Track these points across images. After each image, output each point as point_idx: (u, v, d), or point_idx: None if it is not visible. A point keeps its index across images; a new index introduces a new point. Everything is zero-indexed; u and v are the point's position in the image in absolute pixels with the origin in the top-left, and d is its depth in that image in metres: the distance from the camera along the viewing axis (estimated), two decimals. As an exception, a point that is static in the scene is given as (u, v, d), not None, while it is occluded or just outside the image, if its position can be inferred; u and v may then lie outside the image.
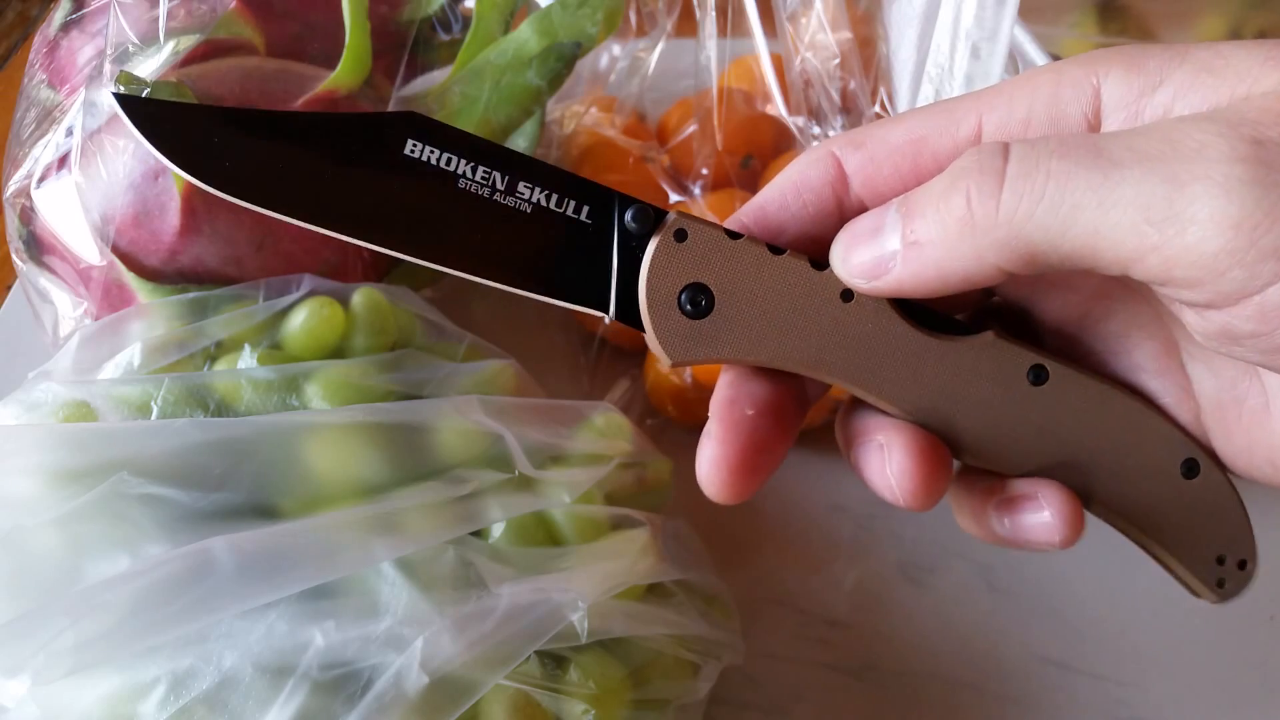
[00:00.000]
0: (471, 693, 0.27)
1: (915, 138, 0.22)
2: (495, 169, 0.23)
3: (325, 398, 0.31)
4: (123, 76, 0.33)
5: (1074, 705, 0.37)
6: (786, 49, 0.44)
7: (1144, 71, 0.20)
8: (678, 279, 0.23)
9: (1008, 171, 0.19)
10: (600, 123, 0.50)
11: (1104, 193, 0.18)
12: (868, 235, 0.21)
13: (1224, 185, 0.17)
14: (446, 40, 0.43)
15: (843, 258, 0.22)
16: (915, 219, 0.20)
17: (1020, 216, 0.19)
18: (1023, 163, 0.19)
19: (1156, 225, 0.17)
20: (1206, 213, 0.17)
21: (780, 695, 0.37)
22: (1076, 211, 0.18)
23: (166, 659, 0.26)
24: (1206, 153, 0.17)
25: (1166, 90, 0.19)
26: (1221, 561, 0.24)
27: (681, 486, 0.37)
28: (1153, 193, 0.17)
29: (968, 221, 0.19)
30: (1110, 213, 0.18)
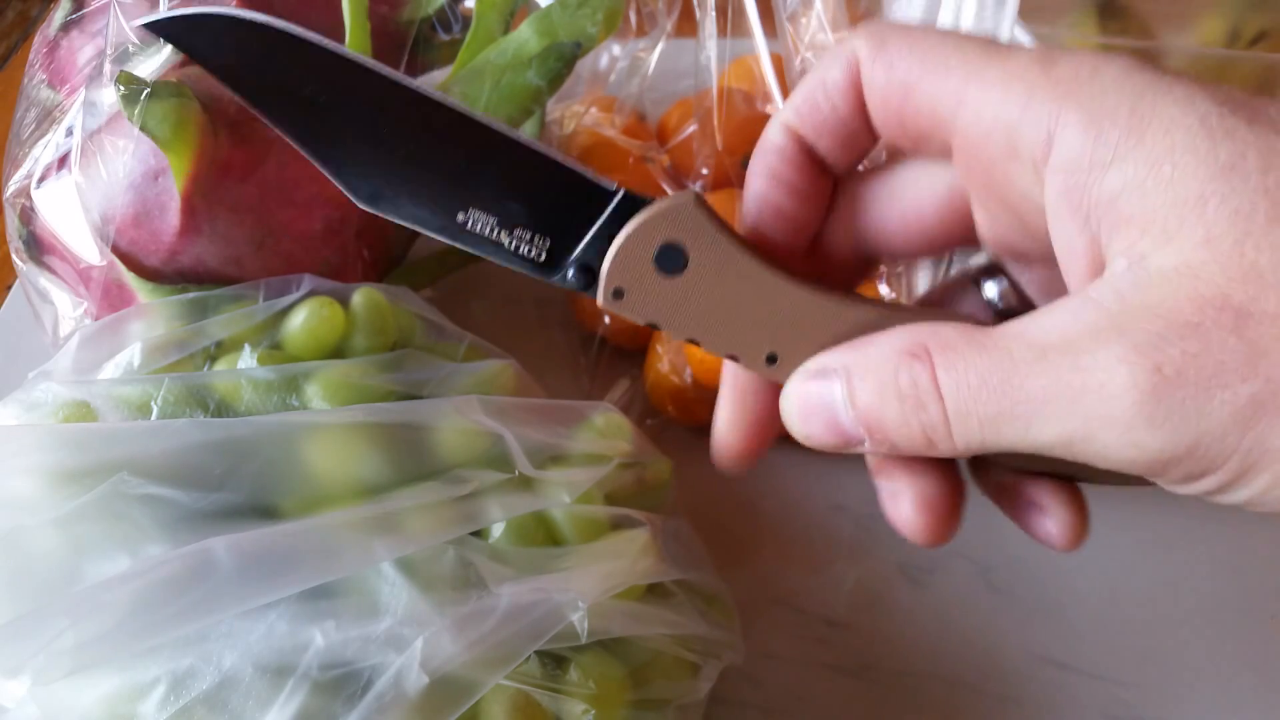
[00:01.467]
0: (471, 693, 0.27)
1: (908, 84, 0.23)
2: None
3: (325, 398, 0.31)
4: (123, 76, 0.33)
5: (1074, 705, 0.37)
6: (786, 49, 0.44)
7: (1101, 141, 0.20)
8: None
9: (949, 418, 0.21)
10: (600, 123, 0.50)
11: (1030, 439, 0.20)
12: (825, 428, 0.23)
13: (1128, 435, 0.19)
14: (446, 40, 0.43)
15: (799, 430, 0.24)
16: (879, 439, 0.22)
17: (974, 447, 0.21)
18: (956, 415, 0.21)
19: (1082, 458, 0.20)
20: (1119, 456, 0.19)
21: (780, 695, 0.37)
22: (1016, 442, 0.20)
23: (166, 659, 0.26)
24: (1110, 393, 0.19)
25: (1115, 179, 0.20)
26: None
27: (681, 486, 0.37)
28: (1071, 437, 0.20)
29: (932, 447, 0.22)
30: (1042, 445, 0.20)
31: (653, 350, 0.44)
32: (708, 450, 0.28)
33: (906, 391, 0.21)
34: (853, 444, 0.23)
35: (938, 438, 0.21)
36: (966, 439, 0.21)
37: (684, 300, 0.24)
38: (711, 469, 0.29)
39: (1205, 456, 0.19)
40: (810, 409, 0.24)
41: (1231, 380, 0.18)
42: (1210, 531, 0.41)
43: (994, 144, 0.21)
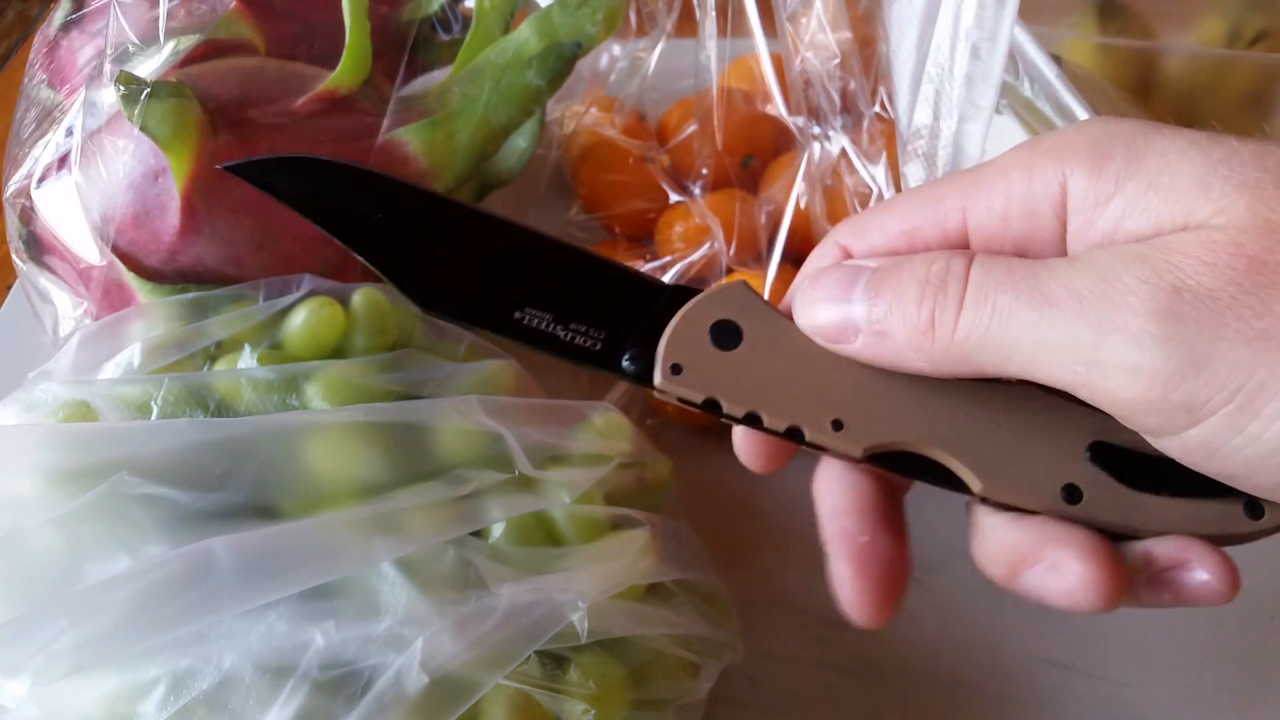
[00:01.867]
0: (471, 693, 0.27)
1: (908, 228, 0.24)
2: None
3: (325, 398, 0.31)
4: (122, 76, 0.33)
5: (1074, 705, 0.37)
6: (786, 49, 0.44)
7: (1103, 177, 0.21)
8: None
9: (965, 299, 0.21)
10: (600, 123, 0.50)
11: (1038, 332, 0.20)
12: (832, 298, 0.23)
13: (1138, 340, 0.19)
14: (446, 40, 0.43)
15: (803, 309, 0.24)
16: (881, 307, 0.22)
17: (971, 343, 0.21)
18: (976, 293, 0.21)
19: (1082, 367, 0.19)
20: (1120, 364, 0.19)
21: (780, 695, 0.37)
22: (1016, 344, 0.20)
23: (166, 659, 0.26)
24: (1129, 301, 0.19)
25: (1118, 204, 0.21)
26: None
27: (681, 486, 0.37)
28: (1078, 338, 0.19)
29: (928, 334, 0.21)
30: (1042, 350, 0.20)
31: (653, 350, 0.44)
32: (708, 450, 0.28)
33: (935, 275, 0.21)
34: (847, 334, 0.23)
35: (941, 322, 0.21)
36: (969, 329, 0.21)
37: (742, 372, 0.24)
38: (711, 469, 0.29)
39: (1213, 381, 0.18)
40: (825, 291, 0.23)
41: (1245, 314, 0.18)
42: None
43: (1013, 222, 0.22)
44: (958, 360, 0.21)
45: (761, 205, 0.46)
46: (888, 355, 0.22)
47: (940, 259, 0.22)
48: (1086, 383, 0.20)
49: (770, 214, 0.45)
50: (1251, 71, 0.40)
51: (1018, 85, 0.35)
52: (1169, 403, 0.19)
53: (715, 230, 0.44)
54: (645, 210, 0.47)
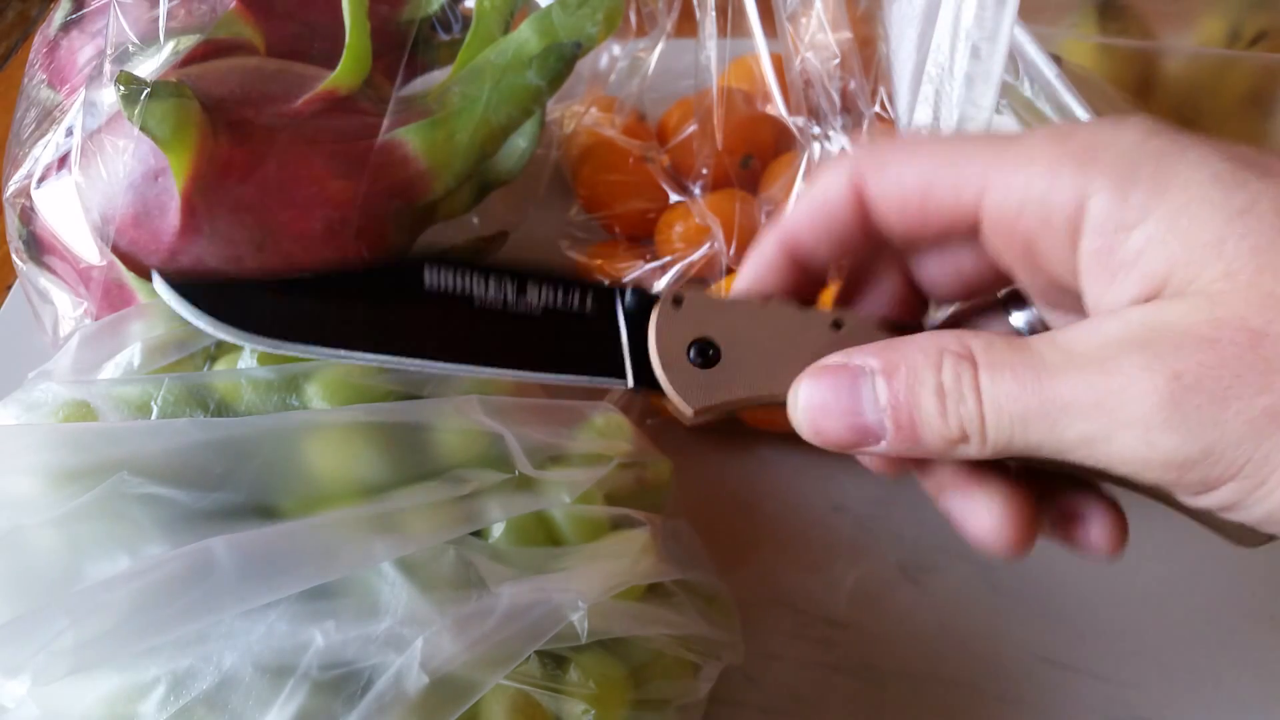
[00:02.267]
0: (471, 693, 0.27)
1: (925, 184, 0.24)
2: (505, 283, 0.26)
3: (325, 398, 0.31)
4: (123, 76, 0.33)
5: (1074, 705, 0.37)
6: (786, 49, 0.44)
7: (1127, 204, 0.21)
8: (683, 338, 0.25)
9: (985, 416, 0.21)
10: (600, 123, 0.50)
11: (1055, 438, 0.21)
12: (843, 415, 0.23)
13: (1147, 437, 0.20)
14: (446, 40, 0.43)
15: (808, 426, 0.24)
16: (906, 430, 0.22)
17: (1000, 446, 0.22)
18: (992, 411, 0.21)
19: (1103, 458, 0.20)
20: (1136, 457, 0.20)
21: (780, 695, 0.37)
22: (1039, 445, 0.21)
23: (166, 659, 0.26)
24: (1133, 394, 0.20)
25: (1139, 236, 0.21)
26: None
27: (681, 486, 0.37)
28: (1094, 436, 0.20)
29: (963, 443, 0.22)
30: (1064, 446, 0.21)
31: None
32: (708, 450, 0.28)
33: (949, 387, 0.22)
34: (868, 441, 0.23)
35: (971, 431, 0.22)
36: (996, 436, 0.21)
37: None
38: (711, 469, 0.29)
39: (1220, 462, 0.19)
40: (827, 403, 0.23)
41: (1246, 392, 0.19)
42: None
43: (1026, 218, 0.23)
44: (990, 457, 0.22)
45: (761, 205, 0.46)
46: (911, 456, 0.23)
47: (947, 361, 0.22)
48: (1109, 468, 0.20)
49: (770, 214, 0.45)
50: (1251, 71, 0.40)
51: (1018, 85, 0.35)
52: (1185, 483, 0.20)
53: (715, 230, 0.44)
54: (645, 210, 0.47)
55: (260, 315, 0.25)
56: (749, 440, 0.43)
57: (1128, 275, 0.21)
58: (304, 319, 0.25)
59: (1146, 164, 0.21)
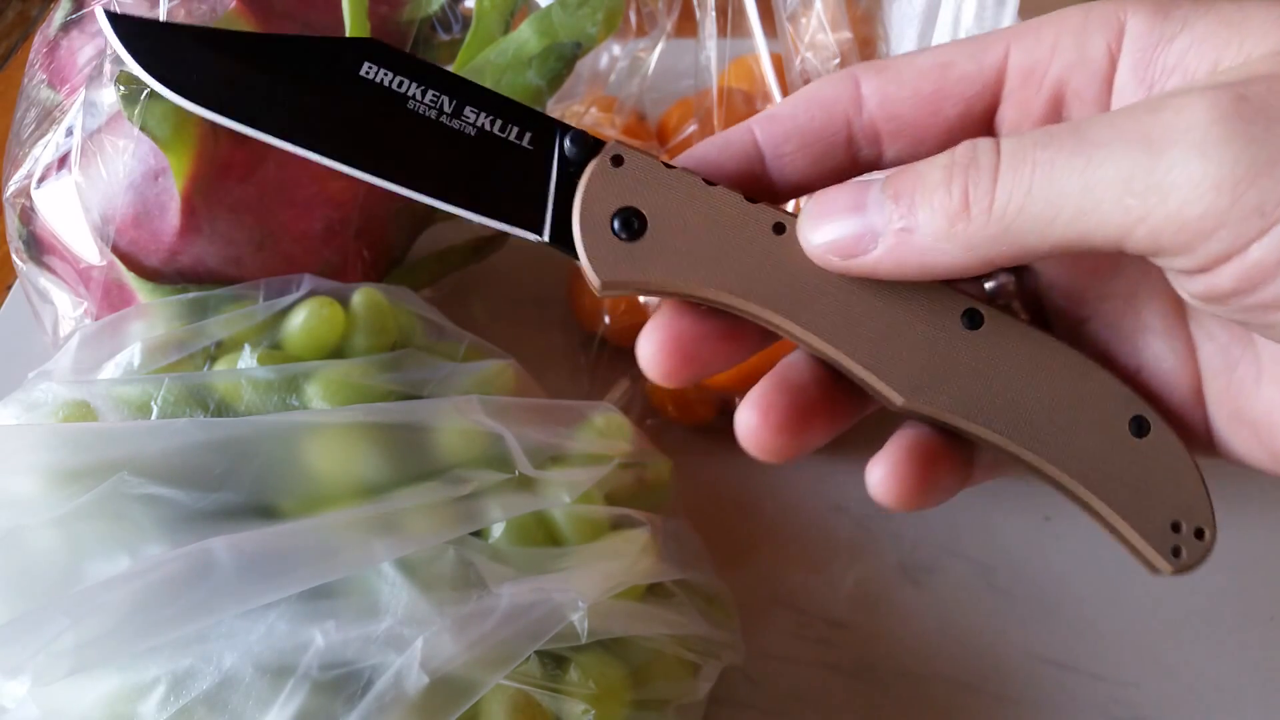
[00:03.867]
0: (471, 693, 0.27)
1: (941, 62, 0.22)
2: (444, 93, 0.24)
3: (325, 398, 0.31)
4: (122, 76, 0.33)
5: (1074, 705, 0.37)
6: (786, 49, 0.44)
7: (1169, 18, 0.20)
8: (612, 202, 0.23)
9: (1000, 167, 0.19)
10: (600, 123, 0.50)
11: (1087, 174, 0.18)
12: (845, 210, 0.21)
13: (1201, 146, 0.17)
14: (446, 40, 0.43)
15: (812, 228, 0.21)
16: (905, 204, 0.20)
17: (1012, 210, 0.19)
18: (1013, 157, 0.19)
19: (1139, 196, 0.17)
20: (1185, 177, 0.17)
21: (780, 695, 0.37)
22: (1062, 198, 0.18)
23: (167, 659, 0.26)
24: (1184, 115, 0.17)
25: (1184, 40, 0.19)
26: (1177, 529, 0.23)
27: (681, 486, 0.37)
28: (1133, 164, 0.17)
29: (962, 215, 0.19)
30: (1093, 192, 0.18)
31: (653, 350, 0.44)
32: (708, 450, 0.28)
33: (961, 156, 0.19)
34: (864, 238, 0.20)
35: (976, 196, 0.19)
36: (1008, 194, 0.19)
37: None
38: (711, 469, 0.29)
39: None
40: (834, 203, 0.21)
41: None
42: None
43: (1059, 60, 0.21)
44: (996, 237, 0.19)
45: (761, 205, 0.45)
46: (914, 257, 0.20)
47: (963, 144, 0.20)
48: (1144, 215, 0.17)
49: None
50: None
51: (1018, 85, 0.35)
52: (1240, 207, 0.17)
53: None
54: (645, 210, 0.47)
55: (195, 75, 0.24)
56: (749, 440, 0.43)
57: (1168, 80, 0.20)
58: (239, 90, 0.24)
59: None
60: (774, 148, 0.24)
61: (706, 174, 0.24)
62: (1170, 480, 0.23)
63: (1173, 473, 0.23)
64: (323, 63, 0.24)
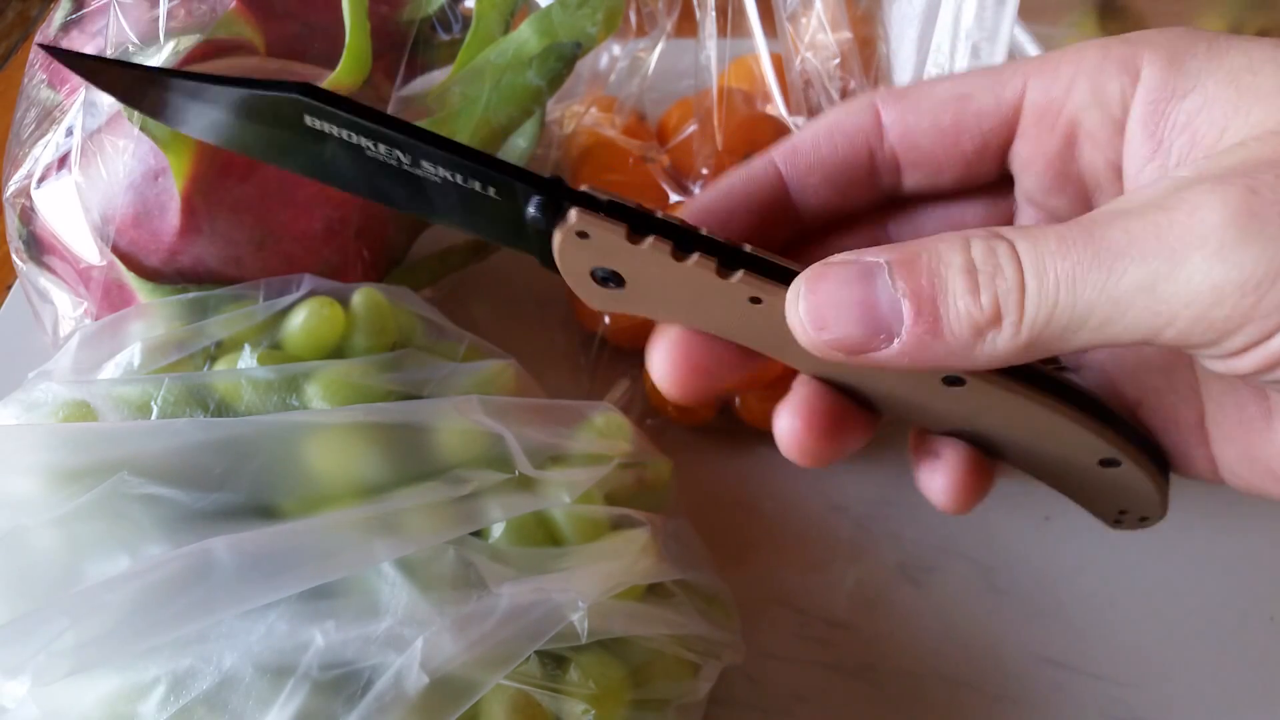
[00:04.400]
0: (471, 693, 0.27)
1: (960, 93, 0.23)
2: (394, 146, 0.23)
3: (325, 398, 0.31)
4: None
5: (1074, 705, 0.37)
6: (786, 49, 0.44)
7: (1183, 72, 0.20)
8: (586, 263, 0.23)
9: (1026, 280, 0.19)
10: (600, 123, 0.50)
11: (1109, 287, 0.18)
12: (852, 307, 0.20)
13: (1220, 253, 0.17)
14: (446, 40, 0.43)
15: (814, 324, 0.20)
16: (927, 310, 0.19)
17: (1040, 323, 0.19)
18: (1035, 269, 0.19)
19: (1165, 303, 0.18)
20: (1208, 284, 0.17)
21: (780, 695, 0.37)
22: (1089, 309, 0.18)
23: (167, 659, 0.26)
24: (1198, 218, 0.17)
25: (1195, 99, 0.20)
26: (1123, 513, 0.26)
27: (681, 486, 0.37)
28: (1155, 274, 0.18)
29: (993, 327, 0.19)
30: (1119, 303, 0.18)
31: (653, 350, 0.44)
32: (708, 450, 0.28)
33: (981, 261, 0.19)
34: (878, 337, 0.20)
35: (1008, 308, 0.19)
36: (1038, 310, 0.19)
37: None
38: (711, 469, 0.29)
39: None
40: (833, 295, 0.20)
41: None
42: (1210, 532, 0.41)
43: (1073, 101, 0.21)
44: (1026, 345, 0.19)
45: (761, 205, 0.45)
46: (933, 359, 0.20)
47: (976, 240, 0.19)
48: (1170, 320, 0.18)
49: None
50: (1251, 71, 0.40)
51: (1018, 85, 0.35)
52: (1264, 306, 0.17)
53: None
54: (645, 210, 0.47)
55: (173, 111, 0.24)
56: (749, 440, 0.43)
57: (1176, 139, 0.20)
58: (192, 113, 0.24)
59: (1202, 41, 0.20)
60: (799, 180, 0.24)
61: (725, 210, 0.24)
62: (1129, 493, 0.25)
63: (1133, 491, 0.25)
64: (268, 111, 0.24)
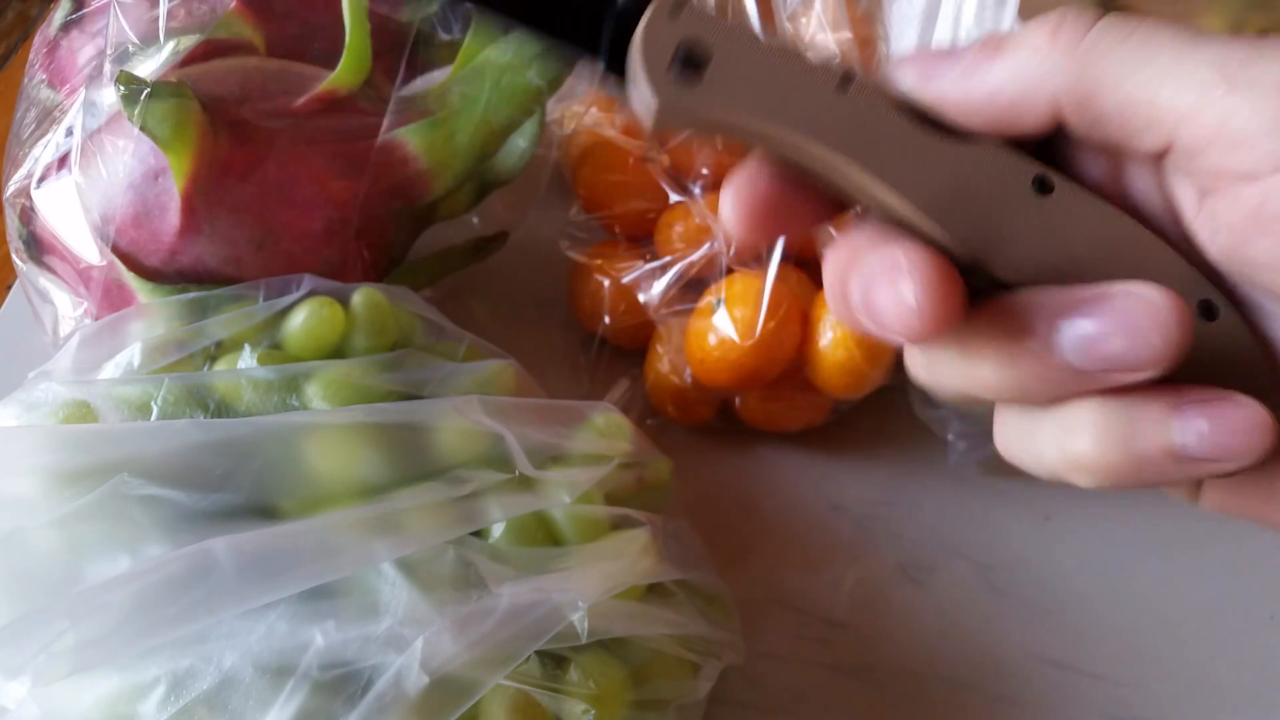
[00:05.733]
0: (471, 693, 0.27)
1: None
2: None
3: (325, 398, 0.31)
4: (122, 76, 0.33)
5: (1074, 705, 0.37)
6: (786, 49, 0.44)
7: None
8: (673, 38, 0.22)
9: (1104, 19, 0.19)
10: (600, 123, 0.50)
11: (1184, 46, 0.19)
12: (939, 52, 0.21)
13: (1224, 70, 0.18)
14: (446, 40, 0.43)
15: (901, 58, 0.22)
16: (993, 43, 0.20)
17: (1099, 50, 0.19)
18: (1117, 18, 0.19)
19: (1227, 79, 0.18)
20: (1270, 76, 0.18)
21: (780, 695, 0.37)
22: (1154, 55, 0.19)
23: (167, 659, 0.26)
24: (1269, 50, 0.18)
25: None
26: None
27: (681, 486, 0.37)
28: (1231, 54, 0.19)
29: (1050, 40, 0.20)
30: (1184, 61, 0.19)
31: (653, 350, 0.44)
32: (708, 450, 0.28)
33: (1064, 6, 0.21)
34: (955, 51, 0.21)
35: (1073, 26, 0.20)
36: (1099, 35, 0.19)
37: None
38: (711, 469, 0.29)
39: None
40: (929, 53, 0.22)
41: None
42: (1210, 532, 0.41)
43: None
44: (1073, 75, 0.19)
45: (761, 205, 0.45)
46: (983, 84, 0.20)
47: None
48: (1222, 96, 0.18)
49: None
50: (1251, 71, 0.40)
51: (1018, 85, 0.35)
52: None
53: (715, 230, 0.44)
54: (645, 210, 0.47)
55: None
56: (749, 440, 0.43)
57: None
58: None
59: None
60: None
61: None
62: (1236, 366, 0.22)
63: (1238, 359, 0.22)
64: None
